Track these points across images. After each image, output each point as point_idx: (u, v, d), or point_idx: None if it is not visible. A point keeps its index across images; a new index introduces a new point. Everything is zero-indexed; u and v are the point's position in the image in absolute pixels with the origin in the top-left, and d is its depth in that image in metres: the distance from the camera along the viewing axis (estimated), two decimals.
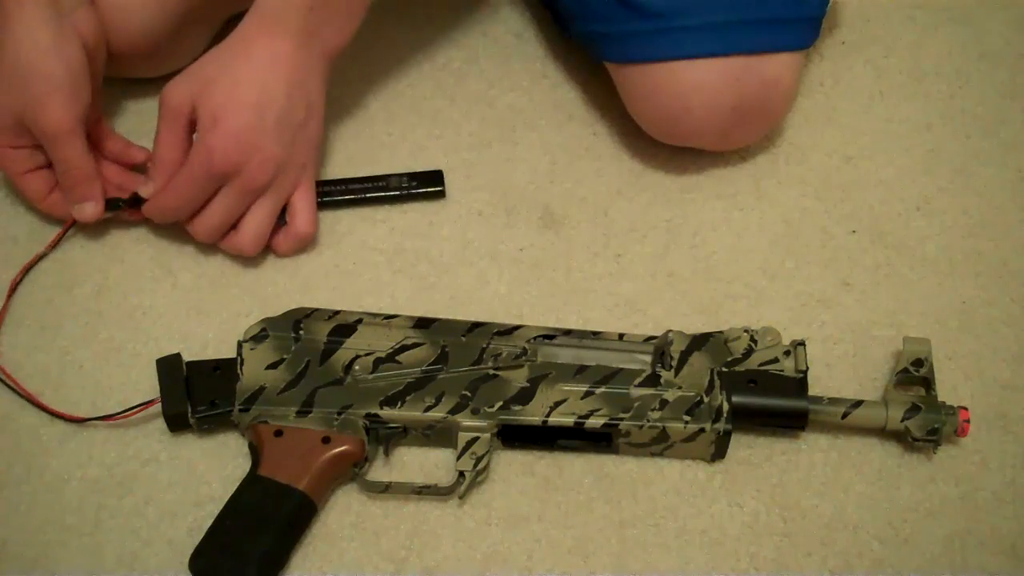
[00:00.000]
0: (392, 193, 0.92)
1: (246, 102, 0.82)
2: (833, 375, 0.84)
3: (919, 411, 0.79)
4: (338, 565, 0.76)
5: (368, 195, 0.91)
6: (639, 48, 0.87)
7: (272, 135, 0.83)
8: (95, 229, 0.89)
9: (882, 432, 0.80)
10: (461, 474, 0.77)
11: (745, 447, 0.81)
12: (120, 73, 0.93)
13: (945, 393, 0.82)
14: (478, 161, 0.95)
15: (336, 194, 0.91)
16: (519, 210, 0.92)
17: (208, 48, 0.97)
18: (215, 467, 0.79)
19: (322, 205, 0.90)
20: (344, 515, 0.78)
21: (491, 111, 0.98)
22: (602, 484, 0.79)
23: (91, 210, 0.86)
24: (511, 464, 0.80)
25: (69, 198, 0.85)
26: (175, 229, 0.88)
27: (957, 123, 0.99)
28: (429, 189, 0.92)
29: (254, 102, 0.82)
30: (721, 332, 0.81)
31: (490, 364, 0.79)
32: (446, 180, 0.93)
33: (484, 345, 0.80)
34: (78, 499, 0.78)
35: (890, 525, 0.78)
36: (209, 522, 0.75)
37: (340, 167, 0.94)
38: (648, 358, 0.80)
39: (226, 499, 0.75)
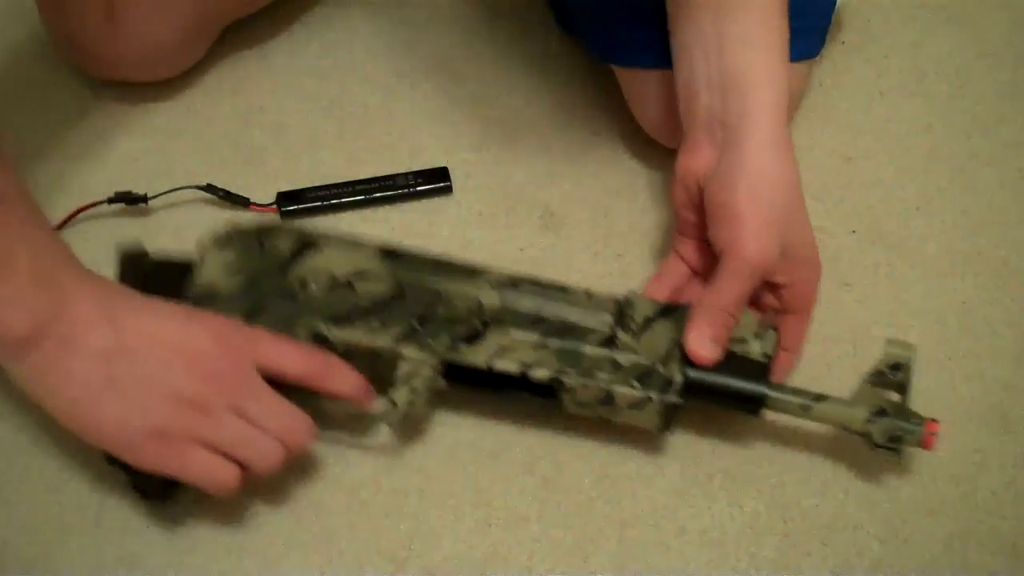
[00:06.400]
0: (399, 192, 0.92)
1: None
2: (833, 375, 0.84)
3: (885, 416, 0.75)
4: (338, 565, 0.76)
5: (375, 195, 0.91)
6: (647, 54, 0.87)
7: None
8: (95, 229, 0.89)
9: (846, 431, 0.77)
10: (393, 403, 0.75)
11: (745, 447, 0.81)
12: (119, 76, 0.94)
13: (945, 393, 0.82)
14: (478, 161, 0.95)
15: (343, 196, 0.91)
16: (519, 210, 0.92)
17: (206, 54, 0.97)
18: None
19: (330, 208, 0.91)
20: (344, 515, 0.78)
21: (491, 111, 0.98)
22: (602, 484, 0.79)
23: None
24: (511, 464, 0.80)
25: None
26: (173, 229, 0.88)
27: (957, 123, 0.98)
28: (436, 185, 0.92)
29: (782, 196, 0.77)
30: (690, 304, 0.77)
31: (445, 305, 0.77)
32: None
33: (444, 287, 0.77)
34: (78, 499, 0.78)
35: (890, 525, 0.78)
36: None
37: (340, 167, 0.94)
38: (611, 319, 0.77)
39: None
